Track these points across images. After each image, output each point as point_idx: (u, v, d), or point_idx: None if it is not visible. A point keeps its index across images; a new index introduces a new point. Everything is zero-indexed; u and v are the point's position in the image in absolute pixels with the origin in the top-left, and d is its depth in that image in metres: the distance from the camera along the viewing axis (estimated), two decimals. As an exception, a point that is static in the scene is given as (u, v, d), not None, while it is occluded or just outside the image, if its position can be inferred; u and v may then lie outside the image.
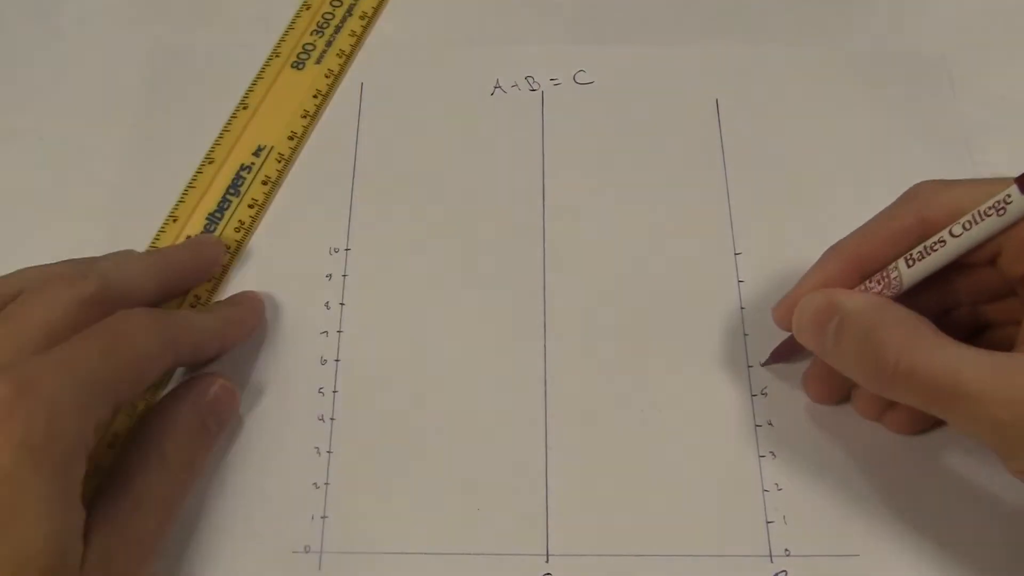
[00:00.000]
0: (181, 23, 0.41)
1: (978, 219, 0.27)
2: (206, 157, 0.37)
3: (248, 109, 0.38)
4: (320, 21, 0.40)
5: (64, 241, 0.36)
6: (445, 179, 0.37)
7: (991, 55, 0.40)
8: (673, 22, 0.41)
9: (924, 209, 0.28)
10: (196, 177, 0.36)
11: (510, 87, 0.39)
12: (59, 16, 0.41)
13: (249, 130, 0.38)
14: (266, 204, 0.36)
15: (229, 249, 0.35)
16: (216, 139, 0.37)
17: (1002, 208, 0.26)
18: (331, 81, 0.39)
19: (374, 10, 0.41)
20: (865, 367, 0.27)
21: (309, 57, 0.39)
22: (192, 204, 0.36)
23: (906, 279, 0.28)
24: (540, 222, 0.36)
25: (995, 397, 0.24)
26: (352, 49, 0.40)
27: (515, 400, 0.33)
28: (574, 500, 0.31)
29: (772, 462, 0.32)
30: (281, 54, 0.39)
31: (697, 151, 0.38)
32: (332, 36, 0.40)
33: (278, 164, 0.37)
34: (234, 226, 0.35)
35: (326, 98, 0.39)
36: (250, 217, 0.36)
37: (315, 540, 0.30)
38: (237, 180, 0.36)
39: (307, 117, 0.38)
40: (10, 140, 0.38)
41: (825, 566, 0.30)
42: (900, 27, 0.41)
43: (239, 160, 0.37)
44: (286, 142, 0.37)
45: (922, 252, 0.28)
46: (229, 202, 0.36)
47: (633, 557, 0.30)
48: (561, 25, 0.41)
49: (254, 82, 0.39)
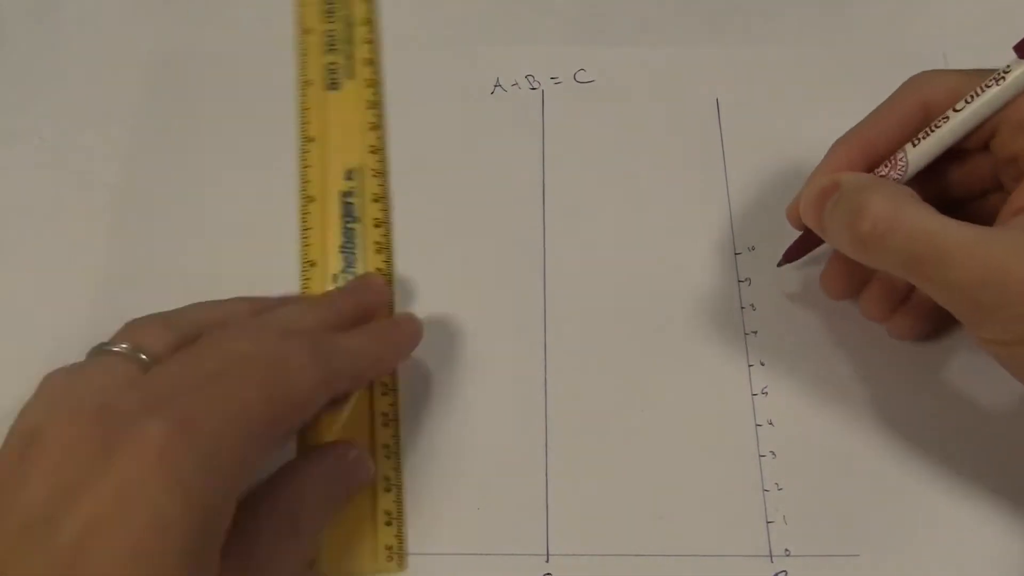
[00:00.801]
0: (181, 24, 0.41)
1: (979, 92, 0.28)
2: (305, 197, 0.36)
3: (316, 140, 0.37)
4: (328, 40, 0.40)
5: (64, 241, 0.36)
6: (445, 177, 0.37)
7: (991, 55, 0.40)
8: (673, 22, 0.41)
9: (926, 94, 0.29)
10: (306, 219, 0.36)
11: (511, 86, 0.39)
12: (59, 16, 0.41)
13: (329, 159, 0.37)
14: (389, 220, 0.36)
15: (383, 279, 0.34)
16: (303, 178, 0.37)
17: (1001, 77, 0.27)
18: (375, 89, 0.39)
19: (370, 13, 0.41)
20: (849, 229, 0.27)
21: (339, 76, 0.39)
22: (319, 243, 0.35)
23: (912, 160, 0.29)
24: (540, 221, 0.36)
25: (972, 259, 0.25)
26: (374, 55, 0.39)
27: (515, 399, 0.33)
28: (574, 500, 0.31)
29: (772, 462, 0.32)
30: (313, 81, 0.39)
31: (697, 151, 0.38)
32: (349, 50, 0.39)
33: (376, 179, 0.36)
34: (373, 249, 0.35)
35: (380, 106, 0.38)
36: (383, 236, 0.35)
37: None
38: (347, 207, 0.36)
39: (376, 128, 0.38)
40: (10, 140, 0.38)
41: (825, 566, 0.30)
42: (900, 27, 0.41)
43: (336, 188, 0.36)
44: (371, 157, 0.37)
45: (927, 132, 0.29)
46: (352, 230, 0.35)
47: (633, 557, 0.30)
48: (561, 24, 0.41)
49: (303, 114, 0.38)
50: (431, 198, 0.37)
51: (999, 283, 0.25)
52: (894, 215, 0.26)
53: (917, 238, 0.26)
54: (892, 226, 0.26)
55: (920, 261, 0.26)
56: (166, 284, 0.34)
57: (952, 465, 0.32)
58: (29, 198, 0.37)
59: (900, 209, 0.26)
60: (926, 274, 0.26)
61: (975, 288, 0.25)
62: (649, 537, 0.31)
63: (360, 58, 0.39)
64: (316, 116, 0.38)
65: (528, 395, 0.33)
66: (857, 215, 0.27)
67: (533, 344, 0.34)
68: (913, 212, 0.26)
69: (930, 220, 0.26)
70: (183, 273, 0.35)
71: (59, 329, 0.34)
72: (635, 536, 0.31)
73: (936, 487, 0.31)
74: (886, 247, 0.26)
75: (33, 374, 0.32)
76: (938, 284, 0.26)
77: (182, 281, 0.34)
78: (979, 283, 0.25)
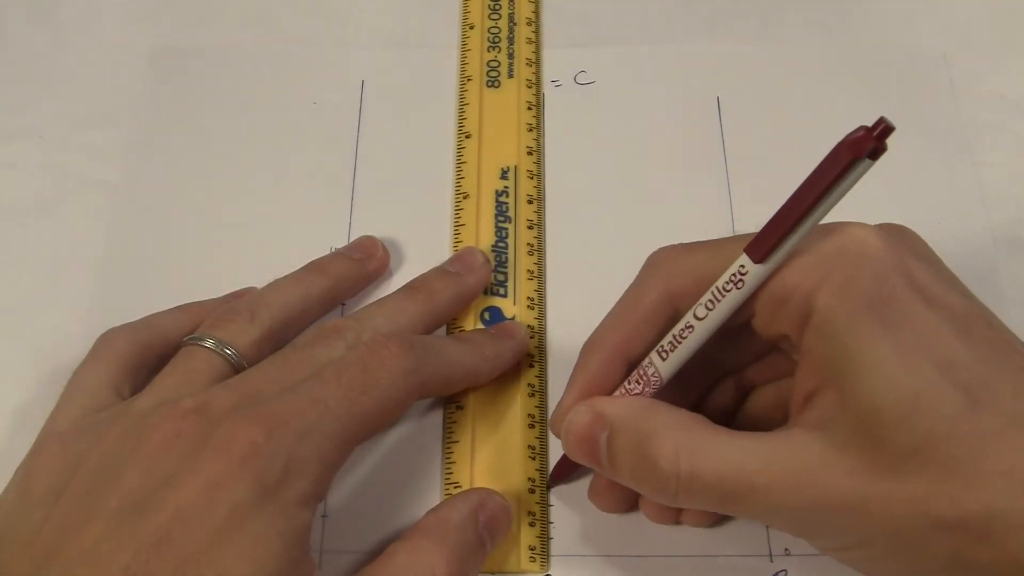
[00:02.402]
0: (181, 23, 0.41)
1: (719, 296, 0.25)
2: (459, 192, 0.36)
3: (473, 137, 0.37)
4: (490, 37, 0.40)
5: (64, 241, 0.36)
6: (446, 178, 0.37)
7: (991, 55, 0.40)
8: (673, 22, 0.41)
9: (668, 281, 0.27)
10: (459, 215, 0.36)
11: (511, 87, 0.39)
12: (59, 16, 0.41)
13: (485, 156, 0.37)
14: (542, 222, 0.36)
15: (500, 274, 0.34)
16: (458, 173, 0.37)
17: (739, 281, 0.24)
18: (534, 90, 0.39)
19: (535, 13, 0.40)
20: (646, 480, 0.26)
21: (499, 74, 0.39)
22: (471, 241, 0.35)
23: (664, 372, 0.27)
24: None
25: (783, 487, 0.24)
26: (536, 55, 0.39)
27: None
28: (574, 500, 0.31)
29: (772, 462, 0.32)
30: (473, 77, 0.39)
31: (698, 150, 0.38)
32: (510, 48, 0.39)
33: (531, 181, 0.36)
34: (525, 250, 0.35)
35: (539, 107, 0.38)
36: (535, 238, 0.35)
37: (315, 540, 0.30)
38: (500, 206, 0.36)
39: (533, 130, 0.37)
40: (10, 140, 0.38)
41: (825, 566, 0.30)
42: (900, 27, 0.41)
43: (491, 187, 0.36)
44: (527, 158, 0.37)
45: (672, 342, 0.26)
46: (505, 229, 0.35)
47: (633, 557, 0.30)
48: (562, 26, 0.41)
49: (461, 109, 0.38)
50: (429, 198, 0.37)
51: (814, 503, 0.23)
52: (691, 465, 0.24)
53: (722, 479, 0.24)
54: (692, 475, 0.24)
55: (732, 499, 0.25)
56: (166, 284, 0.34)
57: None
58: (29, 198, 0.37)
59: (694, 455, 0.25)
60: (740, 507, 0.25)
61: (793, 512, 0.24)
62: (649, 537, 0.30)
63: (522, 57, 0.39)
64: (473, 112, 0.38)
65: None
66: (656, 464, 0.25)
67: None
68: (710, 452, 0.24)
69: (729, 455, 0.24)
70: (183, 273, 0.35)
71: (59, 328, 0.34)
72: (635, 536, 0.31)
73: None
74: (693, 496, 0.25)
75: (33, 374, 0.33)
76: (756, 514, 0.25)
77: (183, 281, 0.34)
78: (796, 507, 0.24)
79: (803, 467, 0.24)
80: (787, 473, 0.24)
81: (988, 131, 0.38)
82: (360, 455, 0.31)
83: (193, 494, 0.24)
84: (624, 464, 0.26)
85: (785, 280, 0.24)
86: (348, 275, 0.33)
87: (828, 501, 0.23)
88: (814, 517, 0.24)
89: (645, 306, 0.28)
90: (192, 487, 0.24)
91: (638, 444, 0.26)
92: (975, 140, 0.38)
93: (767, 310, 0.25)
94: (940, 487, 0.22)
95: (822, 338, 0.24)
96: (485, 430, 0.32)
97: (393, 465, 0.32)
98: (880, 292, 0.23)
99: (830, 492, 0.23)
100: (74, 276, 0.35)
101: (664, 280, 0.27)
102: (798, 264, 0.24)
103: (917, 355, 0.23)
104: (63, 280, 0.35)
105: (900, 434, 0.22)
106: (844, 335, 0.23)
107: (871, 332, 0.23)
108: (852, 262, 0.24)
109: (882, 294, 0.23)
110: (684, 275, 0.27)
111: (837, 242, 0.24)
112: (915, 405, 0.22)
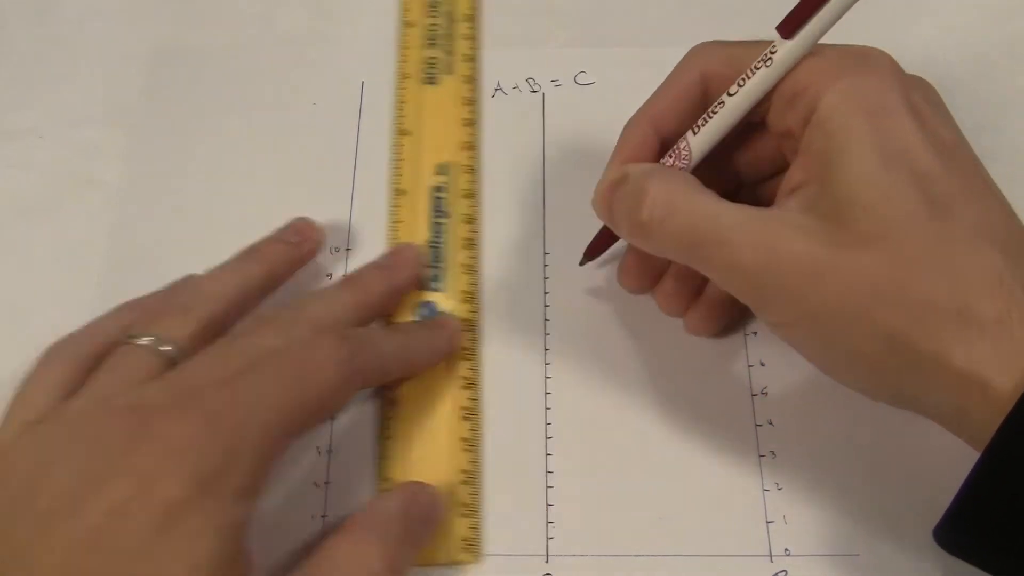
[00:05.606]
0: (181, 23, 0.41)
1: (750, 74, 0.28)
2: (395, 190, 0.36)
3: (411, 135, 0.37)
4: (428, 34, 0.40)
5: (64, 241, 0.36)
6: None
7: (991, 55, 0.40)
8: (673, 22, 0.41)
9: (704, 65, 0.29)
10: (396, 212, 0.36)
11: (511, 89, 0.39)
12: (59, 16, 0.41)
13: (423, 153, 0.37)
14: (479, 217, 0.36)
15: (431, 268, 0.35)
16: (395, 170, 0.37)
17: (768, 59, 0.27)
18: (472, 86, 0.39)
19: (472, 10, 0.41)
20: (629, 217, 0.28)
21: (437, 71, 0.39)
22: (408, 237, 0.35)
23: (695, 148, 0.29)
24: (541, 223, 0.36)
25: (747, 241, 0.25)
26: (474, 51, 0.40)
27: (516, 399, 0.33)
28: (574, 500, 0.31)
29: (772, 462, 0.32)
30: (410, 75, 0.39)
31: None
32: (449, 45, 0.39)
33: (469, 175, 0.37)
34: (461, 245, 0.35)
35: (477, 103, 0.38)
36: (472, 232, 0.36)
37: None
38: (437, 202, 0.36)
39: (470, 125, 0.38)
40: (10, 140, 0.38)
41: (825, 566, 0.30)
42: (900, 27, 0.41)
43: (428, 183, 0.36)
44: (464, 153, 0.37)
45: (705, 118, 0.29)
46: (441, 224, 0.35)
47: (633, 557, 0.30)
48: (562, 26, 0.41)
49: (399, 107, 0.38)
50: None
51: (773, 264, 0.25)
52: (671, 200, 0.27)
53: (695, 222, 0.26)
54: (670, 211, 0.27)
55: (700, 245, 0.26)
56: (166, 283, 0.34)
57: (952, 463, 0.32)
58: (29, 198, 0.37)
59: (677, 194, 0.27)
60: (706, 258, 0.26)
61: (752, 270, 0.26)
62: (649, 537, 0.31)
63: (460, 53, 0.39)
64: (411, 110, 0.38)
65: (529, 395, 0.33)
66: (637, 201, 0.27)
67: (533, 344, 0.34)
68: (691, 196, 0.27)
69: (707, 203, 0.26)
70: (183, 272, 0.35)
71: (59, 329, 0.33)
72: (635, 536, 0.31)
73: (935, 487, 0.31)
74: (665, 232, 0.27)
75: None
76: (718, 268, 0.27)
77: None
78: (755, 265, 0.25)
79: (772, 231, 0.26)
80: (756, 233, 0.26)
81: (988, 131, 0.37)
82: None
83: (127, 492, 0.23)
84: (622, 205, 0.28)
85: (799, 77, 0.27)
86: (284, 259, 0.33)
87: (787, 265, 0.25)
88: (771, 280, 0.25)
89: (680, 86, 0.30)
90: (125, 484, 0.23)
91: (635, 185, 0.28)
92: (974, 140, 0.37)
93: (781, 102, 0.28)
94: (891, 271, 0.24)
95: (820, 133, 0.26)
96: (419, 424, 0.32)
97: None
98: (880, 102, 0.26)
99: (791, 257, 0.25)
100: (74, 276, 0.35)
101: (701, 64, 0.30)
102: (815, 63, 0.27)
103: (898, 162, 0.25)
104: (63, 280, 0.35)
105: (866, 222, 0.25)
106: (839, 132, 0.26)
107: (862, 133, 0.25)
108: (863, 73, 0.26)
109: (882, 104, 0.26)
110: (720, 61, 0.29)
111: (856, 55, 0.27)
112: (885, 199, 0.25)
